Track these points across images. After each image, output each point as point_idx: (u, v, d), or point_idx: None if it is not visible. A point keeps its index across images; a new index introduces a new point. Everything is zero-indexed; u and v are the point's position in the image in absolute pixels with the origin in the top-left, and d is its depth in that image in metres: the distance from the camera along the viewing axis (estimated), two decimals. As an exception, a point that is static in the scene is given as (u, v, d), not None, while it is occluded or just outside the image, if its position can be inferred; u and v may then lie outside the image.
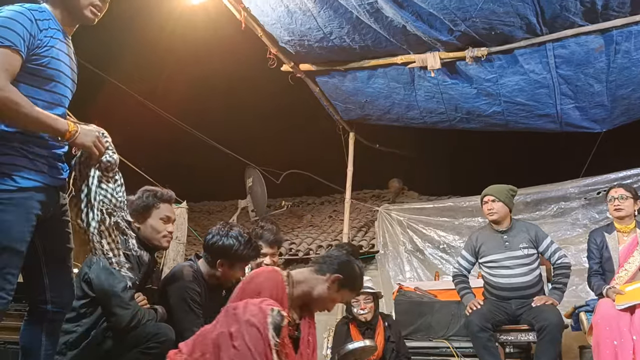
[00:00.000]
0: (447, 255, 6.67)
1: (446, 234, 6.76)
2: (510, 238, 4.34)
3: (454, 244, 6.64)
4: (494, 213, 4.35)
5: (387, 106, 5.81)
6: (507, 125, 5.77)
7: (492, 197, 4.38)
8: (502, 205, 4.35)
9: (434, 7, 4.31)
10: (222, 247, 3.00)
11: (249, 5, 4.63)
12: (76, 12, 2.29)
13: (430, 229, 6.87)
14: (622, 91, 5.09)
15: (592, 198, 6.04)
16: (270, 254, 3.73)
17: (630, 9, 4.28)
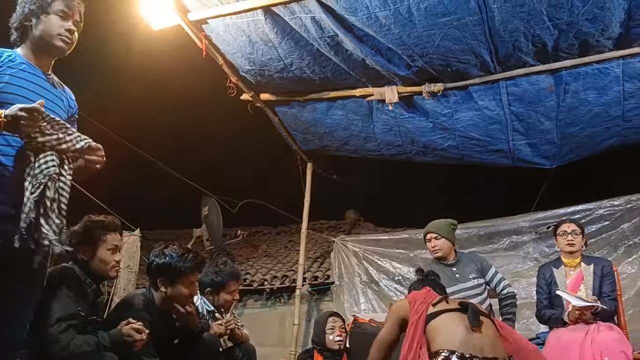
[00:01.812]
0: (402, 287, 6.67)
1: (401, 265, 6.78)
2: (460, 270, 4.42)
3: (409, 276, 6.66)
4: (439, 250, 4.46)
5: (345, 138, 5.87)
6: (462, 159, 5.89)
7: (435, 234, 4.48)
8: (444, 241, 4.46)
9: (392, 42, 4.41)
10: (159, 266, 3.02)
11: (210, 33, 4.64)
12: (46, 45, 2.29)
13: (386, 260, 6.89)
14: (571, 129, 5.28)
15: (542, 232, 6.17)
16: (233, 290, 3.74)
17: (579, 51, 4.48)
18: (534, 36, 4.31)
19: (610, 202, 5.97)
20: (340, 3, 4.09)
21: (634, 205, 5.89)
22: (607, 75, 4.68)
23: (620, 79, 4.67)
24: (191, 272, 3.10)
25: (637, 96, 4.82)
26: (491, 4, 4.00)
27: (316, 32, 4.40)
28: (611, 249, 5.87)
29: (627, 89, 4.75)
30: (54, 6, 2.35)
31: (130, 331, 2.66)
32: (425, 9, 4.07)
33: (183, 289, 3.05)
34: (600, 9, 4.00)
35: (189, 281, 3.09)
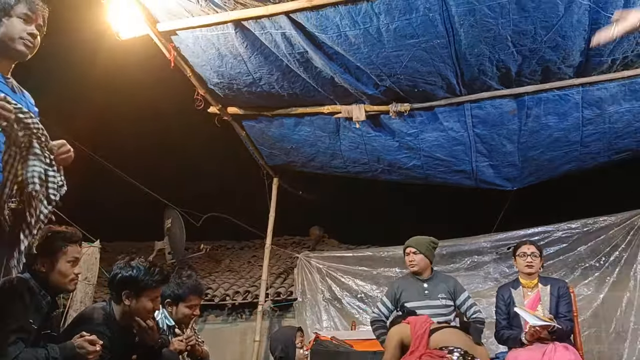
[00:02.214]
0: (365, 304, 6.69)
1: (364, 283, 6.80)
2: (431, 287, 4.46)
3: (371, 294, 6.68)
4: (415, 265, 4.49)
5: (312, 154, 5.90)
6: (427, 179, 5.98)
7: (414, 249, 4.51)
8: (422, 257, 4.49)
9: (361, 61, 4.47)
10: (125, 279, 2.97)
11: (179, 45, 4.62)
12: (7, 49, 2.23)
13: (349, 277, 6.89)
14: (532, 153, 5.43)
15: (502, 253, 6.27)
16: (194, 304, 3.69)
17: (541, 77, 4.63)
18: (498, 61, 4.42)
19: (568, 225, 6.12)
20: (310, 20, 4.13)
21: (590, 229, 6.04)
22: (567, 102, 4.83)
23: (580, 105, 4.83)
24: (157, 286, 3.06)
25: (595, 123, 4.98)
26: (458, 28, 4.09)
27: (286, 48, 4.43)
28: (568, 270, 6.00)
29: (586, 116, 4.92)
30: (16, 9, 2.29)
31: (83, 343, 2.59)
32: (394, 30, 4.14)
33: (147, 303, 3.00)
34: (562, 38, 4.14)
35: (154, 295, 3.05)
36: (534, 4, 3.86)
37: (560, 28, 4.03)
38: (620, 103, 4.79)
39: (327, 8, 4.02)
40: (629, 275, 5.86)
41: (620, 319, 5.78)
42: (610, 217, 5.99)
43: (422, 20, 4.04)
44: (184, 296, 3.70)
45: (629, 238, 5.91)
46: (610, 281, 5.92)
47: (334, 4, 3.97)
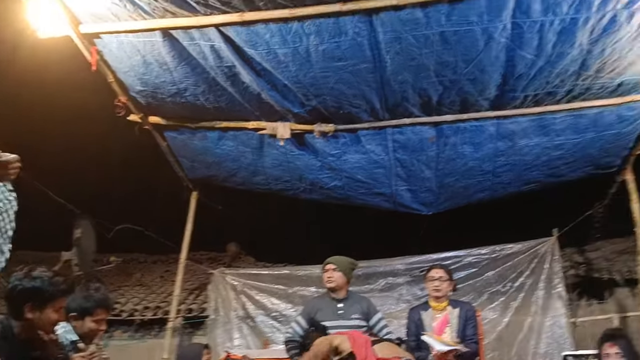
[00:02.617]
0: (279, 323, 6.65)
1: (279, 301, 6.76)
2: (345, 307, 4.49)
3: (285, 313, 6.66)
4: (333, 281, 4.51)
5: (234, 169, 5.84)
6: (347, 200, 6.06)
7: (334, 265, 4.54)
8: (341, 275, 4.52)
9: (289, 80, 4.51)
10: (27, 290, 2.75)
11: (103, 48, 4.47)
12: None
13: (264, 295, 6.84)
14: (448, 180, 5.64)
15: (416, 275, 6.43)
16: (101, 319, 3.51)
17: (460, 107, 4.83)
18: (421, 89, 4.59)
19: (478, 250, 6.38)
20: (240, 35, 4.12)
21: (498, 255, 6.33)
22: (482, 133, 5.08)
23: (494, 137, 5.09)
24: (62, 295, 2.89)
25: (507, 154, 5.26)
26: (384, 54, 4.21)
27: (214, 61, 4.39)
28: (476, 295, 6.24)
29: (499, 147, 5.19)
30: None
31: None
32: (323, 52, 4.21)
33: (52, 315, 2.83)
34: (481, 72, 4.36)
35: (59, 306, 2.88)
36: (456, 37, 4.05)
37: (480, 62, 4.25)
38: (531, 137, 5.09)
39: (258, 24, 4.03)
40: (531, 301, 6.19)
41: (521, 343, 6.08)
42: (517, 245, 6.31)
43: (351, 44, 4.14)
44: (91, 310, 3.51)
45: (533, 265, 6.24)
46: (514, 306, 6.22)
47: (265, 20, 3.99)
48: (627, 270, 6.49)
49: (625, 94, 4.67)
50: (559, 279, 6.15)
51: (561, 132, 5.04)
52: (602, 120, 4.93)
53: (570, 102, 4.76)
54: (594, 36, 3.99)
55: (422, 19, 3.90)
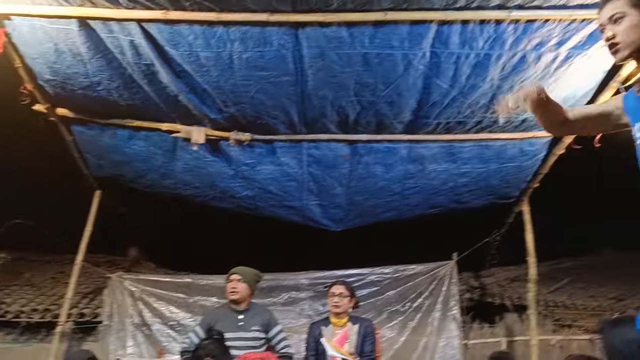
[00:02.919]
0: (175, 332, 6.48)
1: (179, 310, 6.59)
2: (246, 319, 4.45)
3: (184, 322, 6.49)
4: (237, 293, 4.46)
5: (143, 170, 5.63)
6: (257, 210, 6.02)
7: (239, 276, 4.49)
8: (246, 286, 4.49)
9: (209, 84, 4.43)
10: None
11: (12, 31, 4.19)
12: None
13: (163, 303, 6.63)
14: (358, 198, 5.75)
15: (319, 291, 6.48)
16: None
17: (375, 128, 4.95)
18: (339, 107, 4.66)
19: (381, 269, 6.52)
20: (163, 34, 4.01)
21: (400, 275, 6.50)
22: (394, 154, 5.23)
23: (405, 159, 5.26)
24: None
25: (416, 177, 5.45)
26: (307, 69, 4.25)
27: (132, 57, 4.23)
28: (376, 313, 6.36)
29: (410, 170, 5.36)
30: None
31: None
32: (247, 60, 4.18)
33: None
34: (398, 96, 4.50)
35: None
36: (377, 60, 4.15)
37: (398, 86, 4.38)
38: (439, 163, 5.30)
39: (182, 25, 3.94)
40: (427, 321, 6.39)
41: (415, 362, 6.27)
42: (418, 266, 6.51)
43: (275, 55, 4.14)
44: None
45: (432, 287, 6.46)
46: (411, 326, 6.40)
47: (189, 21, 3.91)
48: (518, 297, 6.89)
49: (528, 130, 4.99)
50: (455, 301, 6.40)
51: (468, 160, 5.29)
52: (505, 152, 5.22)
53: (478, 133, 5.01)
54: (504, 73, 4.23)
55: (347, 38, 3.97)
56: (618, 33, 1.99)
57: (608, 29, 2.03)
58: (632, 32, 1.97)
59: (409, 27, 3.89)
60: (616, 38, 2.00)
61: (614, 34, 2.00)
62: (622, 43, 1.99)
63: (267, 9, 3.79)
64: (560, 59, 4.12)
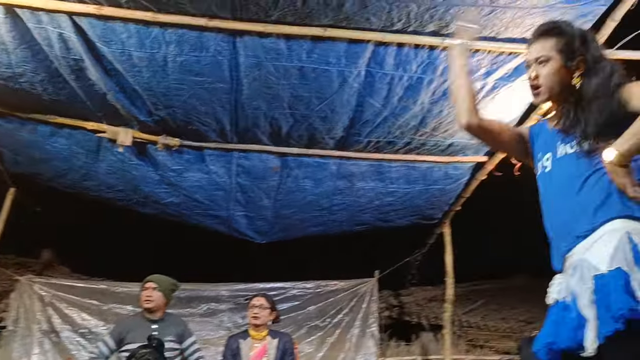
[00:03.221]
0: (86, 340, 6.22)
1: (91, 317, 6.33)
2: (160, 330, 4.33)
3: (95, 330, 6.25)
4: (152, 301, 4.35)
5: (64, 170, 5.37)
6: (181, 218, 5.89)
7: (155, 284, 4.38)
8: (161, 295, 4.39)
9: (140, 85, 4.31)
10: None
11: None
12: None
13: (75, 310, 6.35)
14: (285, 211, 5.74)
15: (239, 303, 6.40)
16: None
17: (307, 142, 4.97)
18: (272, 119, 4.65)
19: (304, 284, 6.55)
20: (95, 29, 3.87)
21: (322, 291, 6.54)
22: (324, 170, 5.26)
23: (335, 175, 5.30)
24: None
25: (344, 194, 5.50)
26: (243, 77, 4.22)
27: (60, 51, 4.04)
28: (296, 327, 6.35)
29: (338, 186, 5.41)
30: None
31: None
32: (181, 63, 4.10)
33: None
34: (332, 112, 4.54)
35: None
36: (314, 74, 4.18)
37: (332, 102, 4.42)
38: (367, 181, 5.38)
39: (117, 22, 3.82)
40: (346, 337, 6.45)
41: (332, 378, 6.29)
42: (340, 282, 6.57)
43: (211, 61, 4.08)
44: None
45: (353, 304, 6.53)
46: (330, 342, 6.44)
47: (125, 19, 3.79)
48: (434, 316, 7.07)
49: (454, 154, 5.16)
50: (374, 319, 6.50)
51: (395, 180, 5.40)
52: (431, 175, 5.37)
53: (406, 154, 5.13)
54: (435, 97, 4.36)
55: (285, 50, 3.97)
56: (541, 75, 2.10)
57: (533, 68, 2.14)
58: (552, 78, 2.09)
59: (347, 45, 3.94)
60: (538, 80, 2.11)
61: (537, 74, 2.11)
62: (543, 87, 2.11)
63: (206, 13, 3.74)
64: (487, 89, 4.29)
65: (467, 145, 5.05)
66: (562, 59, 2.08)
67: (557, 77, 2.09)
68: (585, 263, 1.87)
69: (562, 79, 2.09)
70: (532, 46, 2.16)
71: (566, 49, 2.08)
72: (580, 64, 2.07)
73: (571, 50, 2.07)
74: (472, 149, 5.13)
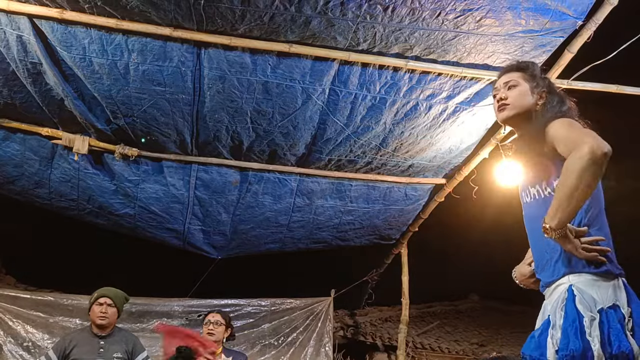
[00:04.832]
0: (30, 354, 5.96)
1: (36, 330, 6.07)
2: (107, 345, 4.19)
3: (40, 343, 6.00)
4: (106, 318, 4.19)
5: (15, 176, 5.17)
6: (135, 230, 5.74)
7: (111, 300, 4.22)
8: (115, 311, 4.26)
9: (100, 92, 4.21)
10: None
11: None
12: None
13: (19, 322, 6.09)
14: (243, 226, 5.68)
15: (192, 319, 6.27)
16: None
17: (268, 157, 4.94)
18: (234, 132, 4.61)
19: (259, 301, 6.46)
20: (56, 33, 3.78)
21: (277, 308, 6.47)
22: (284, 186, 5.24)
23: (294, 192, 5.28)
24: None
25: (303, 211, 5.48)
26: (206, 90, 4.18)
27: (18, 53, 3.94)
28: (249, 345, 6.27)
29: (297, 203, 5.38)
30: None
31: None
32: (143, 72, 4.04)
33: None
34: (294, 128, 4.53)
35: None
36: (278, 90, 4.17)
37: (295, 118, 4.42)
38: (327, 199, 5.38)
39: (79, 27, 3.74)
40: (300, 357, 6.37)
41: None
42: (296, 301, 6.51)
43: (173, 72, 4.03)
44: None
45: (307, 322, 6.48)
46: (284, 360, 6.36)
47: (87, 25, 3.72)
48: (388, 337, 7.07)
49: (414, 175, 5.22)
50: (328, 338, 6.45)
51: (354, 199, 5.41)
52: (390, 195, 5.41)
53: (367, 173, 5.17)
54: (397, 118, 4.42)
55: (250, 64, 3.96)
56: (509, 96, 2.36)
57: (502, 92, 2.39)
58: (521, 98, 2.34)
59: (312, 62, 3.96)
60: (507, 100, 2.35)
61: (506, 95, 2.36)
62: (511, 104, 2.35)
63: (171, 23, 3.70)
64: (449, 112, 4.37)
65: (427, 167, 5.12)
66: (529, 85, 2.36)
67: (524, 98, 2.34)
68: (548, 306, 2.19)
69: (527, 101, 2.34)
70: (501, 77, 2.44)
71: (531, 79, 2.37)
72: (543, 94, 2.34)
73: (535, 81, 2.37)
74: (431, 170, 5.20)
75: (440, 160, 5.03)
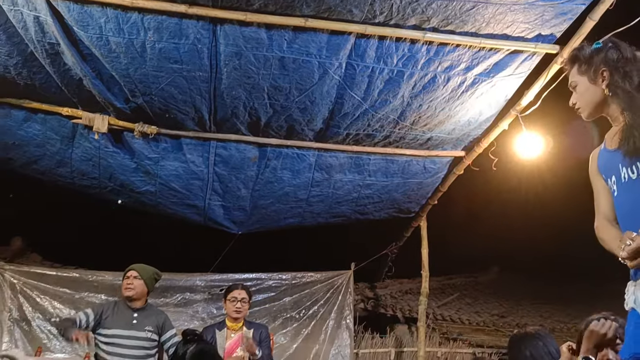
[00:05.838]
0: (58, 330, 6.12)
1: (63, 306, 6.23)
2: (140, 319, 4.32)
3: (68, 319, 6.16)
4: (132, 289, 4.33)
5: (37, 156, 5.25)
6: (157, 207, 5.81)
7: (137, 273, 4.36)
8: (142, 283, 4.37)
9: (117, 71, 4.23)
10: None
11: None
12: None
13: (46, 298, 6.25)
14: (262, 201, 5.71)
15: (214, 294, 6.37)
16: None
17: (286, 133, 4.95)
18: (252, 108, 4.61)
19: (280, 275, 6.54)
20: (72, 13, 3.79)
21: (298, 282, 6.54)
22: (302, 161, 5.25)
23: (313, 167, 5.29)
24: None
25: (321, 185, 5.49)
26: (222, 66, 4.17)
27: (36, 34, 3.96)
28: (271, 319, 6.36)
29: (316, 178, 5.40)
30: None
31: None
32: (160, 50, 4.03)
33: None
34: (311, 103, 4.52)
35: None
36: (294, 65, 4.15)
37: (312, 94, 4.40)
38: (345, 173, 5.38)
39: (94, 6, 3.74)
40: (321, 329, 6.46)
41: (307, 369, 6.30)
42: (317, 274, 6.58)
43: (190, 49, 4.03)
44: None
45: (328, 295, 6.54)
46: (305, 333, 6.44)
47: (102, 3, 3.72)
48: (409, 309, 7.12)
49: (432, 148, 5.19)
50: (349, 310, 6.52)
51: (373, 173, 5.41)
52: (409, 168, 5.39)
53: (385, 147, 5.15)
54: (415, 91, 4.37)
55: (266, 40, 3.94)
56: (576, 99, 2.28)
57: (572, 97, 2.31)
58: (584, 97, 2.25)
59: (328, 37, 3.92)
60: (576, 104, 2.28)
61: (575, 100, 2.29)
62: (581, 107, 2.27)
63: (186, 0, 3.69)
64: (467, 84, 4.32)
65: (446, 140, 5.08)
66: (586, 79, 2.22)
67: (588, 95, 2.22)
68: None
69: (593, 95, 2.21)
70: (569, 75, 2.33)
71: (586, 68, 2.23)
72: (602, 74, 2.17)
73: (589, 67, 2.21)
74: (450, 143, 5.16)
75: (459, 132, 4.98)
